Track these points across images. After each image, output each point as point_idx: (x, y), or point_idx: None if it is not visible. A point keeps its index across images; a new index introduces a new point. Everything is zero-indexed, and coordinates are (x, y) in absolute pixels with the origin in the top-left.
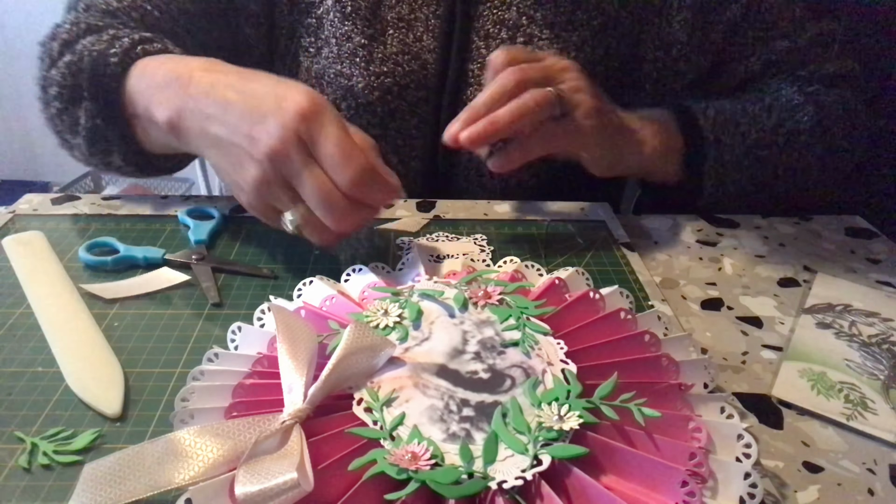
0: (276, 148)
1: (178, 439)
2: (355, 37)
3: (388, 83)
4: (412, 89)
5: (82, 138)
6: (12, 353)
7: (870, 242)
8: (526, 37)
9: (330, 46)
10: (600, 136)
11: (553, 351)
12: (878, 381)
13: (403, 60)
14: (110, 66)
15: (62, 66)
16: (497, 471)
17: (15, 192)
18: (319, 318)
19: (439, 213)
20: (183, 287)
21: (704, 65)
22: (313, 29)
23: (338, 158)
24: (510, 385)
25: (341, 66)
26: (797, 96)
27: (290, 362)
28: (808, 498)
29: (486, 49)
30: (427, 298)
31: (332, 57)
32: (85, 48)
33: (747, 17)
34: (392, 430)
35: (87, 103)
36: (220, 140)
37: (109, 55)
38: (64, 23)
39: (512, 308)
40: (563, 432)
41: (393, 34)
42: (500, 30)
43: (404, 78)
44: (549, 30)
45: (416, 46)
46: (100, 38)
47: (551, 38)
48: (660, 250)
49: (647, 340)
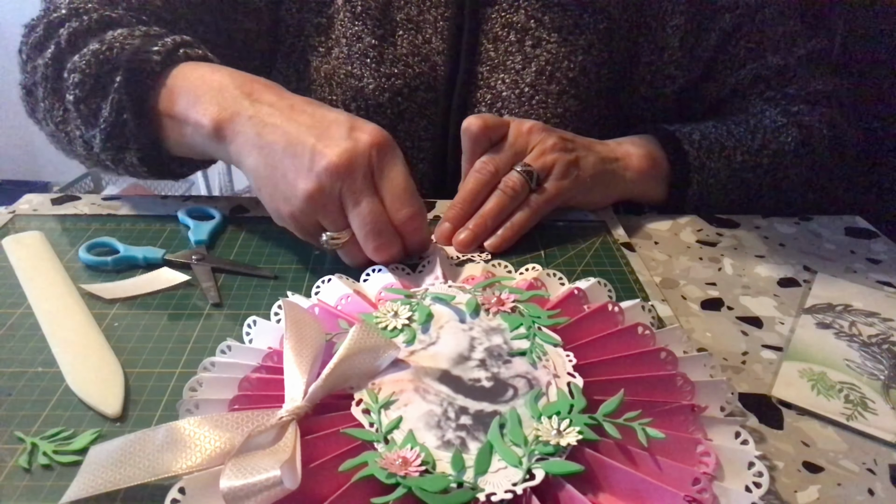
0: (342, 165)
1: (179, 428)
2: (366, 37)
3: (398, 84)
4: (422, 91)
5: (100, 130)
6: (12, 353)
7: (870, 242)
8: (534, 40)
9: (340, 47)
10: (581, 187)
11: (561, 363)
12: (878, 381)
13: (413, 62)
14: (151, 63)
15: (88, 54)
16: (487, 482)
17: (15, 192)
18: (331, 317)
19: (439, 214)
20: (183, 287)
21: (695, 71)
22: (323, 28)
23: (401, 192)
24: (512, 395)
25: (352, 66)
26: (780, 118)
27: (294, 359)
28: (808, 498)
29: (494, 52)
30: (439, 302)
31: (342, 57)
32: (116, 40)
33: (740, 27)
34: (387, 434)
35: (117, 96)
36: (275, 150)
37: (152, 52)
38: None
39: (524, 317)
40: (559, 447)
41: (402, 35)
42: (509, 33)
43: (414, 80)
44: (556, 33)
45: (425, 48)
46: (132, 33)
47: (559, 41)
48: (660, 250)
49: (664, 358)
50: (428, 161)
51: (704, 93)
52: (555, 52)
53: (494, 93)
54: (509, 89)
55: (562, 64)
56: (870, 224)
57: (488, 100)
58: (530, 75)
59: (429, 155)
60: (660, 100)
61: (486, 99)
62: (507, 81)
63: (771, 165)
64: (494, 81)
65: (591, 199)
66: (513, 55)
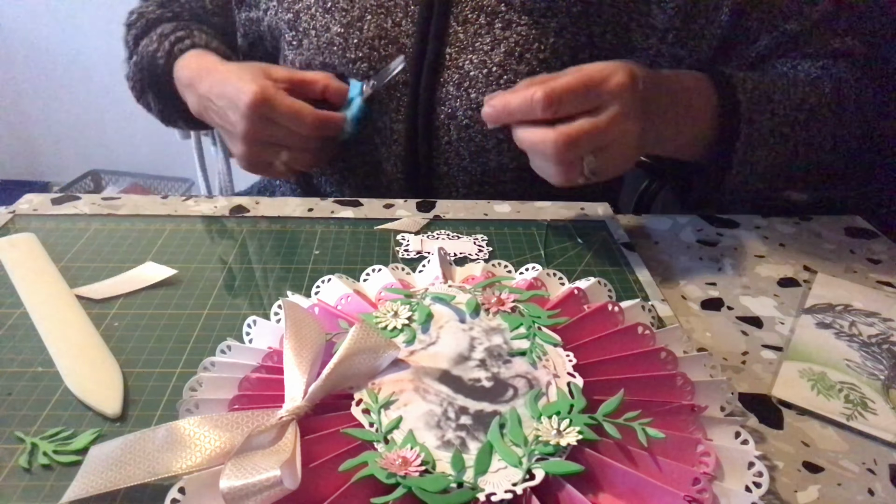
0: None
1: (179, 428)
2: (333, 26)
3: (363, 68)
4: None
5: (157, 113)
6: (12, 353)
7: (870, 242)
8: (504, 22)
9: (310, 38)
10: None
11: (561, 363)
12: (878, 381)
13: (380, 45)
14: (159, 66)
15: (131, 65)
16: (487, 482)
17: (15, 192)
18: (331, 317)
19: (439, 213)
20: (183, 287)
21: (706, 49)
22: (292, 23)
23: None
24: (512, 395)
25: (323, 56)
26: (814, 70)
27: (294, 359)
28: (808, 498)
29: (463, 34)
30: (439, 302)
31: (313, 49)
32: (142, 48)
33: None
34: (387, 434)
35: (150, 94)
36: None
37: (158, 57)
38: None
39: (524, 316)
40: (559, 447)
41: (371, 20)
42: (479, 15)
43: (380, 62)
44: (527, 16)
45: (394, 31)
46: (150, 40)
47: (530, 23)
48: (660, 250)
49: (664, 358)
50: (400, 142)
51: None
52: (525, 34)
53: (462, 73)
54: (476, 69)
55: (532, 45)
56: (870, 224)
57: (455, 80)
58: (499, 56)
59: (400, 136)
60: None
61: (454, 79)
62: (475, 62)
63: (806, 121)
64: (462, 62)
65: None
66: (482, 37)
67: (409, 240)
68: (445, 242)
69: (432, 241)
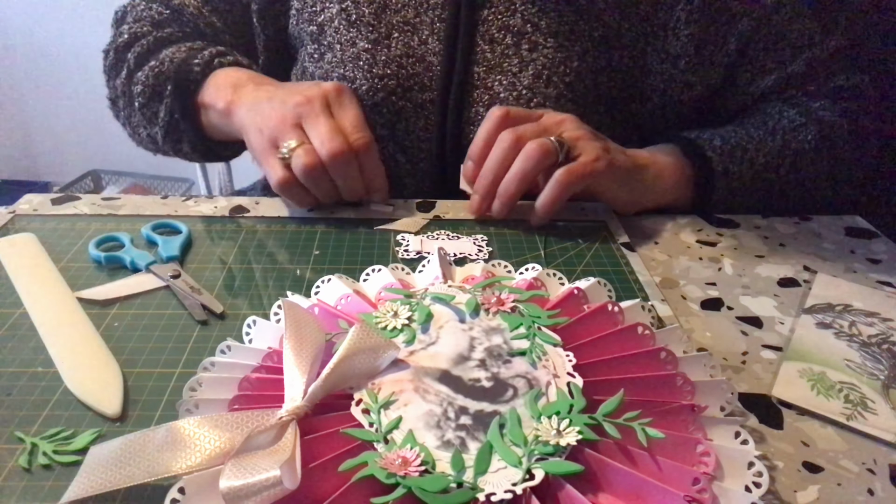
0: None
1: (179, 428)
2: (360, 42)
3: (391, 85)
4: (416, 91)
5: (160, 128)
6: (12, 353)
7: (870, 242)
8: (531, 44)
9: (333, 52)
10: (614, 175)
11: (561, 363)
12: (878, 381)
13: (407, 63)
14: (194, 73)
15: (147, 69)
16: (487, 482)
17: (15, 192)
18: (331, 317)
19: (439, 213)
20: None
21: (714, 78)
22: (315, 36)
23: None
24: (512, 395)
25: (344, 69)
26: (799, 117)
27: (294, 359)
28: (807, 498)
29: (490, 53)
30: (439, 302)
31: (335, 62)
32: (167, 56)
33: (759, 30)
34: (387, 434)
35: (169, 100)
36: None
37: (193, 64)
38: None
39: (524, 316)
40: (559, 447)
41: (398, 38)
42: (505, 35)
43: (408, 80)
44: (553, 38)
45: (420, 49)
46: (179, 49)
47: (555, 46)
48: (660, 250)
49: (664, 358)
50: (427, 160)
51: (727, 100)
52: (551, 57)
53: (492, 93)
54: (507, 91)
55: (558, 69)
56: (870, 224)
57: (486, 100)
58: (527, 78)
59: (428, 154)
60: (675, 108)
61: (484, 99)
62: (505, 83)
63: (793, 164)
64: (491, 82)
65: (618, 196)
66: (509, 58)
67: (409, 240)
68: (445, 242)
69: (432, 241)
